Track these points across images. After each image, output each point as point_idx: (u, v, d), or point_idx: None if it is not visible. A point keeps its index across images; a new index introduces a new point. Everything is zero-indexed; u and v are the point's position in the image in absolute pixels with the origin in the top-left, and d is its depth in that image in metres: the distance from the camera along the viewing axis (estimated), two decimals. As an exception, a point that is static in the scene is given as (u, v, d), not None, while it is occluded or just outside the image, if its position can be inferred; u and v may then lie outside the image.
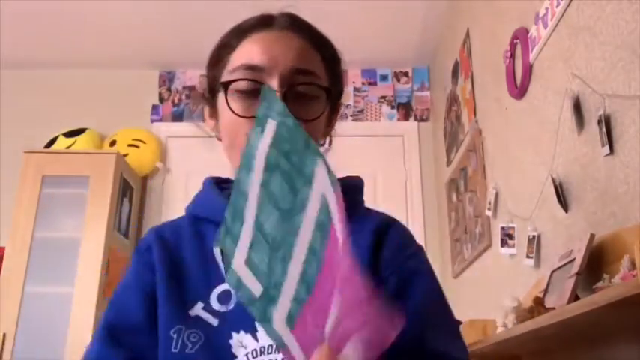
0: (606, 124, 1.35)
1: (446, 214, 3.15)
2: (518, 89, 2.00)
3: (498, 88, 2.23)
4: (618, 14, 1.34)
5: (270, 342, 0.70)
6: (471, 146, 2.62)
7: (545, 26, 1.75)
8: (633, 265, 1.09)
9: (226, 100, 0.76)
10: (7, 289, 2.90)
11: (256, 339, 0.71)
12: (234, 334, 0.72)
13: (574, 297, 1.27)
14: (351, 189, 0.83)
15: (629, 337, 1.24)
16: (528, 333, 1.34)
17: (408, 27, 3.28)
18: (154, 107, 3.70)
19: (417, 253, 0.78)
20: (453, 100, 3.06)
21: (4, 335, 2.82)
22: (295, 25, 0.80)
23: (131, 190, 3.32)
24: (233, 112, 0.75)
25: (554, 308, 1.29)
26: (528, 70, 1.91)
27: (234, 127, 0.76)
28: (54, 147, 3.37)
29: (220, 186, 0.87)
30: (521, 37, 1.96)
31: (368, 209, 0.84)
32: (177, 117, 3.69)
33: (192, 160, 3.58)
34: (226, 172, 0.93)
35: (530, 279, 1.81)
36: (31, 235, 2.98)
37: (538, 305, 1.39)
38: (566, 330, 1.28)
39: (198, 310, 0.74)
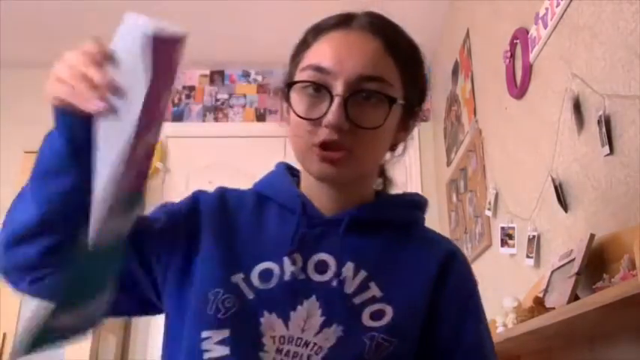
0: (606, 124, 1.35)
1: (446, 214, 3.15)
2: (518, 89, 2.00)
3: (498, 88, 2.23)
4: (618, 14, 1.34)
5: (301, 335, 0.71)
6: (471, 146, 2.62)
7: (545, 26, 1.75)
8: (633, 265, 1.09)
9: (289, 100, 0.76)
10: (7, 289, 2.90)
11: (287, 327, 0.72)
12: (265, 313, 0.72)
13: (574, 297, 1.27)
14: (413, 204, 0.87)
15: (629, 337, 1.24)
16: (528, 333, 1.34)
17: (408, 27, 3.26)
18: (154, 107, 3.69)
19: (474, 293, 0.80)
20: (453, 100, 3.06)
21: (4, 335, 2.82)
22: (373, 26, 0.78)
23: (131, 190, 3.32)
24: (294, 111, 0.75)
25: (554, 308, 1.29)
26: (528, 70, 1.91)
27: (295, 125, 0.76)
28: (54, 147, 3.37)
29: (291, 172, 0.87)
30: (521, 37, 1.96)
31: (429, 229, 0.86)
32: (177, 117, 3.69)
33: (192, 160, 3.59)
34: (226, 171, 0.93)
35: (530, 279, 1.81)
36: (31, 235, 2.98)
37: (538, 305, 1.39)
38: (566, 330, 1.29)
39: (238, 279, 0.75)
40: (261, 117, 3.70)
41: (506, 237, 2.05)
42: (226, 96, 3.75)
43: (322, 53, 0.75)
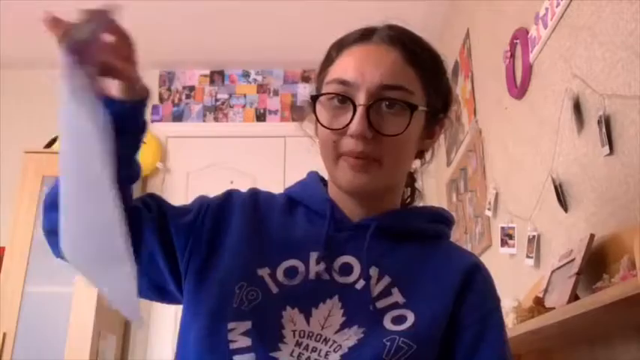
0: (606, 124, 1.35)
1: (446, 214, 3.15)
2: (518, 89, 2.00)
3: (498, 88, 2.23)
4: (618, 14, 1.34)
5: (321, 332, 0.72)
6: (471, 146, 2.62)
7: (545, 26, 1.75)
8: (633, 265, 1.09)
9: (315, 112, 0.79)
10: (7, 289, 2.90)
11: (308, 322, 0.73)
12: (288, 308, 0.74)
13: (574, 297, 1.27)
14: (440, 219, 0.88)
15: (629, 337, 1.24)
16: (528, 333, 1.34)
17: (408, 27, 3.27)
18: (154, 107, 3.69)
19: (495, 308, 0.81)
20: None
21: (4, 335, 2.82)
22: (394, 38, 0.81)
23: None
24: (319, 122, 0.78)
25: (554, 308, 1.29)
26: (528, 70, 1.91)
27: (322, 136, 0.80)
28: (54, 147, 3.37)
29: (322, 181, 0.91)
30: (521, 37, 1.96)
31: (454, 244, 0.88)
32: (177, 117, 3.69)
33: (192, 160, 3.59)
34: (227, 171, 0.95)
35: (530, 279, 1.81)
36: (31, 235, 2.98)
37: (538, 305, 1.39)
38: (566, 330, 1.29)
39: (264, 273, 0.77)
40: (261, 117, 3.70)
41: (506, 237, 2.05)
42: (226, 96, 3.75)
43: (345, 67, 0.79)
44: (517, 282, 1.97)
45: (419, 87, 0.79)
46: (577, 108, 1.52)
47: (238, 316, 0.73)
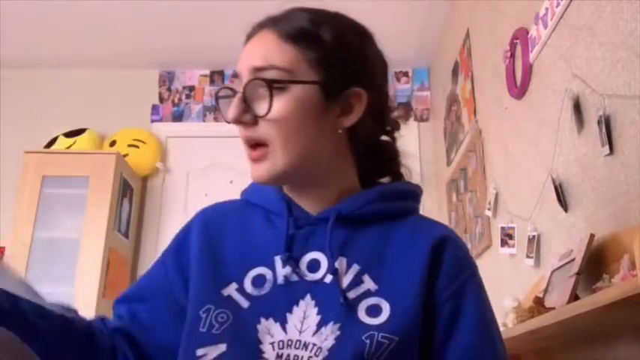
0: (606, 124, 1.35)
1: (446, 214, 3.15)
2: (518, 89, 2.00)
3: (498, 88, 2.23)
4: (618, 14, 1.34)
5: (299, 337, 0.70)
6: (471, 146, 2.62)
7: (545, 26, 1.75)
8: (633, 265, 1.09)
9: (218, 107, 0.80)
10: (7, 289, 2.90)
11: (285, 330, 0.71)
12: (262, 320, 0.72)
13: (574, 297, 1.27)
14: (408, 194, 0.85)
15: (629, 337, 1.24)
16: (528, 333, 1.34)
17: (408, 27, 3.28)
18: (154, 107, 3.70)
19: (470, 276, 0.77)
20: (453, 100, 3.06)
21: (4, 335, 2.82)
22: (276, 20, 0.78)
23: (131, 190, 3.32)
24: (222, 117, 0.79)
25: (554, 308, 1.29)
26: (528, 70, 1.91)
27: None
28: (54, 147, 3.37)
29: None
30: (521, 37, 1.96)
31: (424, 217, 0.84)
32: (177, 117, 3.69)
33: (192, 160, 3.58)
34: (227, 171, 0.95)
35: (530, 279, 1.81)
36: (31, 235, 2.98)
37: (538, 305, 1.39)
38: (566, 330, 1.29)
39: (231, 290, 0.75)
40: (261, 117, 3.70)
41: (506, 237, 2.05)
42: (226, 96, 3.74)
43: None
44: (517, 282, 1.97)
45: (304, 62, 0.75)
46: (577, 108, 1.52)
47: (208, 341, 0.71)
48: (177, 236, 0.85)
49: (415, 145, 3.57)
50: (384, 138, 0.87)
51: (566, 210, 1.61)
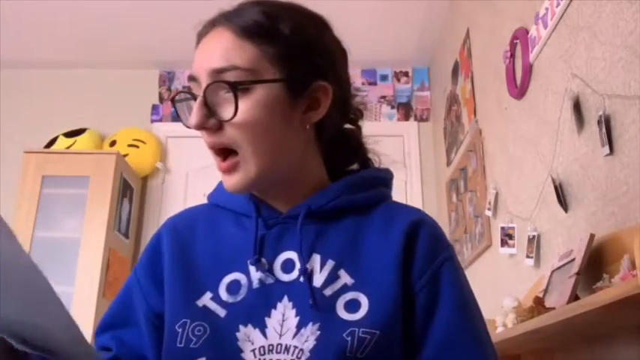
0: (606, 124, 1.35)
1: (446, 214, 3.15)
2: (518, 89, 2.00)
3: (498, 88, 2.23)
4: (618, 14, 1.34)
5: (280, 341, 0.68)
6: (471, 146, 2.62)
7: (545, 26, 1.75)
8: (633, 265, 1.09)
9: (176, 112, 0.79)
10: (7, 289, 2.90)
11: (265, 336, 0.69)
12: (241, 327, 0.70)
13: (574, 297, 1.27)
14: (378, 181, 0.82)
15: (629, 337, 1.24)
16: (528, 333, 1.34)
17: (408, 27, 3.28)
18: (154, 107, 3.70)
19: (446, 259, 0.74)
20: (453, 100, 3.06)
21: (4, 335, 2.82)
22: (228, 16, 0.74)
23: (131, 190, 3.32)
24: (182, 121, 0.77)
25: (554, 308, 1.29)
26: (528, 70, 1.91)
27: None
28: (54, 147, 3.37)
29: None
30: (521, 37, 1.96)
31: (396, 203, 0.82)
32: (177, 117, 3.67)
33: (192, 160, 3.58)
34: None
35: (530, 279, 1.81)
36: (31, 235, 2.98)
37: (538, 305, 1.39)
38: (566, 330, 1.28)
39: (206, 300, 0.73)
40: (261, 117, 3.70)
41: (506, 237, 2.05)
42: (226, 96, 3.75)
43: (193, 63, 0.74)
44: (517, 282, 1.97)
45: (265, 60, 0.71)
46: (577, 108, 1.52)
47: (187, 357, 0.69)
48: (147, 249, 0.82)
49: (415, 145, 3.57)
50: (348, 126, 0.84)
51: (566, 210, 1.61)
